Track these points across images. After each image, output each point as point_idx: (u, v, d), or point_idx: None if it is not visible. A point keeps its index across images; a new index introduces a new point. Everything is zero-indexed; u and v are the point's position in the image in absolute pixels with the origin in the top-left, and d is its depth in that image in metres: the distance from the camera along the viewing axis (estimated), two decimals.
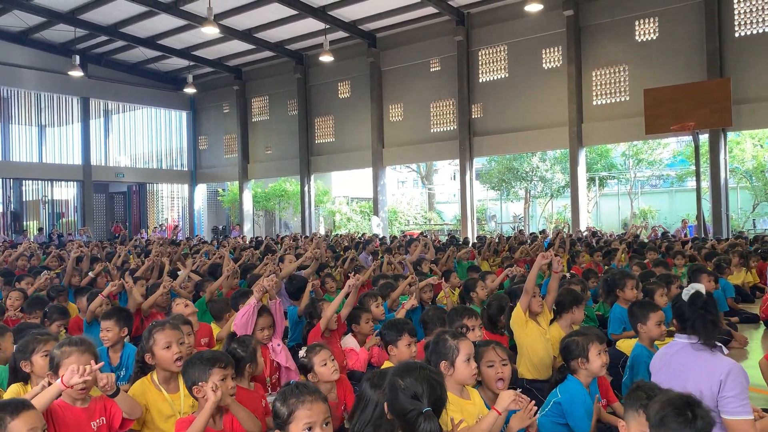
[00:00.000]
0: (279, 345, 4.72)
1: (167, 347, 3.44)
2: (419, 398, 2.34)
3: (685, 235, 18.17)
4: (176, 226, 30.62)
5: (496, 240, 14.84)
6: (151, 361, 3.50)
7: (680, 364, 3.13)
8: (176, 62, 27.77)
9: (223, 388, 3.01)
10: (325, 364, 3.69)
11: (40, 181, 29.00)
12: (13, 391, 3.38)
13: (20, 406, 2.45)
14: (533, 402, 2.89)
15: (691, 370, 3.04)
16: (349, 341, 5.23)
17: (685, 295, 3.16)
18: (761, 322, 7.20)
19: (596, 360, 3.59)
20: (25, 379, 3.44)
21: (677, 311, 3.20)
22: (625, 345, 4.82)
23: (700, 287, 3.17)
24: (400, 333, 3.97)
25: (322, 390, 3.51)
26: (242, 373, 3.71)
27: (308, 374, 3.75)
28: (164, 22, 22.96)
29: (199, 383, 3.03)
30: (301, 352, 3.84)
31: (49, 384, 2.95)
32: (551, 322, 4.95)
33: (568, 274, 8.02)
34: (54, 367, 3.04)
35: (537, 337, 4.68)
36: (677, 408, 2.20)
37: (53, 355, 3.08)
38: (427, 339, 4.25)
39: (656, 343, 4.31)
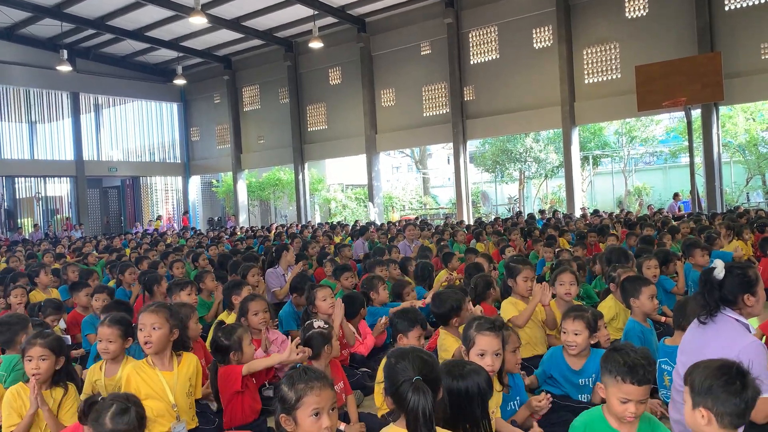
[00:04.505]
0: (275, 337, 4.76)
1: (140, 329, 3.50)
2: (409, 372, 2.38)
3: (679, 209, 18.25)
4: (169, 218, 30.64)
5: (492, 220, 14.98)
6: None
7: (701, 337, 3.16)
8: (165, 54, 27.55)
9: None
10: (325, 300, 3.82)
11: (32, 178, 28.85)
12: (11, 391, 3.37)
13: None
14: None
15: (713, 341, 3.05)
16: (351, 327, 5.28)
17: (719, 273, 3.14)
18: None
19: (562, 335, 3.85)
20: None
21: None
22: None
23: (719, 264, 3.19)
24: (413, 324, 3.94)
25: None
26: (228, 362, 3.80)
27: (310, 306, 3.84)
28: (151, 13, 22.73)
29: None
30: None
31: None
32: None
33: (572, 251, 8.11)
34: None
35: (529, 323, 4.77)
36: (727, 376, 2.17)
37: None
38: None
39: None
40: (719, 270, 3.12)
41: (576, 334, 3.72)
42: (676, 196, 20.17)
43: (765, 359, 2.89)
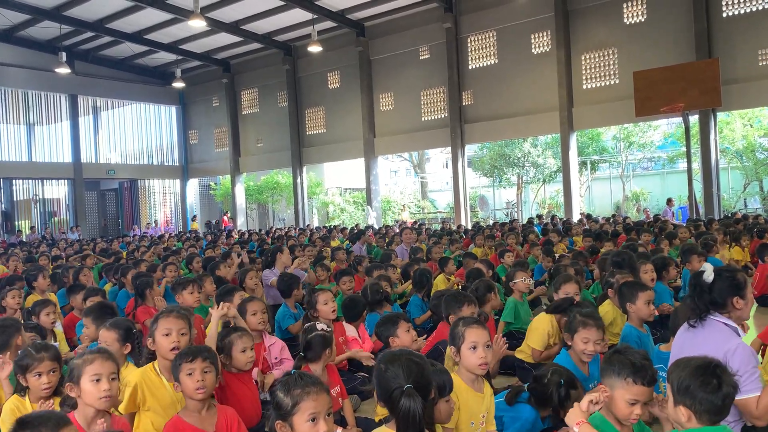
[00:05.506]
0: (273, 342, 4.75)
1: (166, 334, 3.42)
2: (401, 380, 2.42)
3: (673, 215, 18.28)
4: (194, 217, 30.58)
5: (490, 224, 15.00)
6: (152, 347, 3.49)
7: (692, 339, 3.19)
8: (164, 57, 27.57)
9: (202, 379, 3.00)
10: (326, 304, 3.85)
11: (30, 180, 28.84)
12: (9, 407, 3.28)
13: (61, 421, 2.29)
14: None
15: (702, 345, 3.06)
16: (351, 331, 5.27)
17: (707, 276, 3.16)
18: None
19: (579, 344, 3.69)
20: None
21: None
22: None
23: (708, 267, 3.22)
24: (395, 323, 4.00)
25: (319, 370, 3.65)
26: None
27: (311, 310, 4.02)
28: (150, 16, 22.75)
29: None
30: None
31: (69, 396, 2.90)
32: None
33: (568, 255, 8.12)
34: (75, 378, 2.87)
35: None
36: (703, 376, 2.29)
37: (72, 366, 2.90)
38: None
39: None
40: (708, 273, 3.15)
41: (597, 343, 3.67)
42: (669, 201, 20.19)
43: (752, 361, 2.93)
